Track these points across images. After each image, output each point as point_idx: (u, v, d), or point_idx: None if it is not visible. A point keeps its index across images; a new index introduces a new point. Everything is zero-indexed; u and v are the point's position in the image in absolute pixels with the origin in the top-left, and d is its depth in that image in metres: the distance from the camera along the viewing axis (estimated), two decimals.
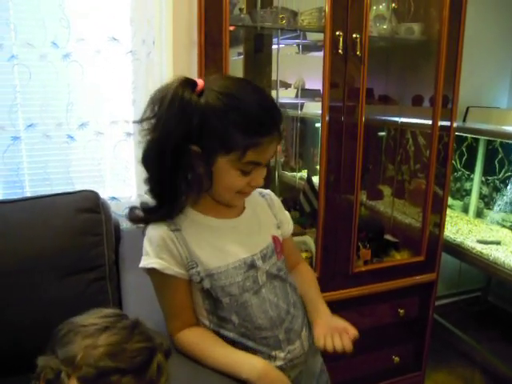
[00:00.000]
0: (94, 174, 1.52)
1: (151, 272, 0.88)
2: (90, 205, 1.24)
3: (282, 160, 1.93)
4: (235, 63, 1.72)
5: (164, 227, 0.88)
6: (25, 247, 1.15)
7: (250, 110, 0.80)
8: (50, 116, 1.43)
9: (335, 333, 0.91)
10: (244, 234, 0.93)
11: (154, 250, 0.87)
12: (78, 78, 1.42)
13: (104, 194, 1.41)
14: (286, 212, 1.07)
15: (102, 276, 1.23)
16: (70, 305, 1.15)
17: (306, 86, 1.78)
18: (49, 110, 1.43)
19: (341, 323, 0.95)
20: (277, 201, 1.05)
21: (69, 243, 1.19)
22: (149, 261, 0.87)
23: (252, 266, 0.91)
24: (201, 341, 0.89)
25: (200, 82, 0.82)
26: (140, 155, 0.86)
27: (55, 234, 1.18)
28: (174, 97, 0.80)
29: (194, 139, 0.81)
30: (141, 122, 0.84)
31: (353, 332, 0.92)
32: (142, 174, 0.88)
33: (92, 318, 0.74)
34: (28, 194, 1.46)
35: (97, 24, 1.41)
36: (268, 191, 1.05)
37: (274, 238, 0.98)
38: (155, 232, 0.88)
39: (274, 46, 1.67)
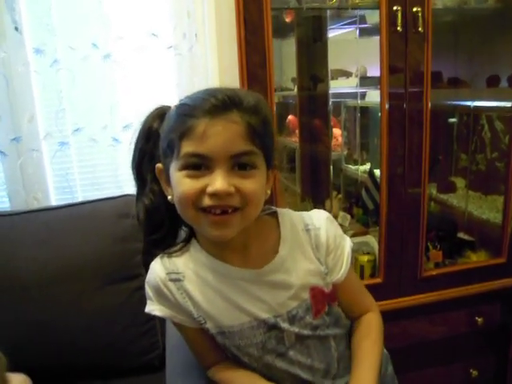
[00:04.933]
0: None
1: None
2: (131, 210, 1.20)
3: (345, 153, 1.85)
4: (289, 53, 1.63)
5: (162, 273, 0.77)
6: (66, 255, 1.14)
7: (182, 103, 0.70)
8: (95, 119, 1.41)
9: None
10: (267, 289, 0.75)
11: (154, 296, 0.79)
12: (119, 78, 1.39)
13: None
14: (345, 245, 0.82)
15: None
16: (113, 314, 1.14)
17: (368, 74, 1.65)
18: (93, 113, 1.40)
19: None
20: (326, 237, 0.79)
21: (110, 250, 1.16)
22: (153, 307, 0.79)
23: (274, 327, 0.76)
24: (229, 375, 0.81)
25: None
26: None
27: (97, 242, 1.16)
28: None
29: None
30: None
31: None
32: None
33: None
34: (80, 199, 1.45)
35: (135, 20, 1.36)
36: (318, 222, 0.80)
37: (314, 291, 0.78)
38: (152, 277, 0.79)
39: (331, 33, 1.56)
